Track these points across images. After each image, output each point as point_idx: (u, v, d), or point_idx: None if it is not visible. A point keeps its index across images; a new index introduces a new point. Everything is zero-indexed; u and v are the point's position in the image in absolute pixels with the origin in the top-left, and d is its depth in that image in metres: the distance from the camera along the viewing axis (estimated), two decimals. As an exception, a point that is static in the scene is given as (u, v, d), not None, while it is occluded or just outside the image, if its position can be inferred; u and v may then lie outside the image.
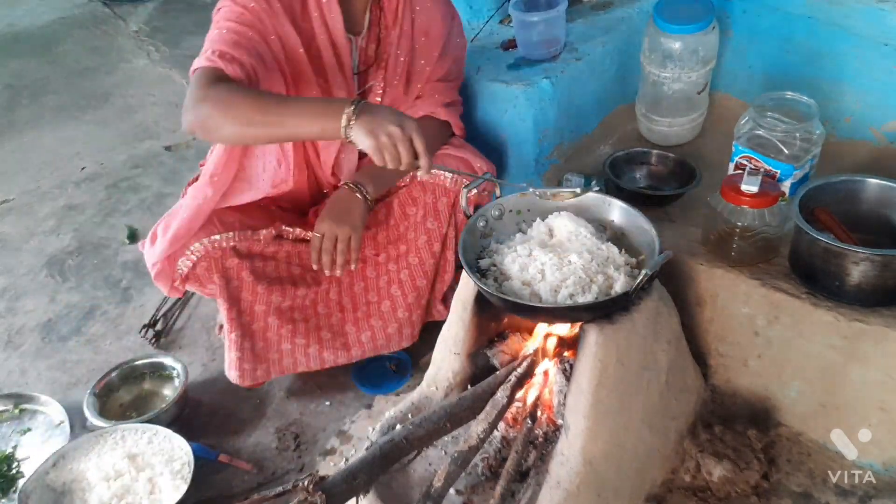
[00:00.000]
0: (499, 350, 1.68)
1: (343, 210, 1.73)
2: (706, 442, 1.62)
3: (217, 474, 1.78)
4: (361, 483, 1.32)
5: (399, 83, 1.81)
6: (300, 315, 1.82)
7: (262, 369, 1.79)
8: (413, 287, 1.86)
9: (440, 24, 1.81)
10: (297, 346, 1.80)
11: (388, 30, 1.76)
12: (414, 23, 1.77)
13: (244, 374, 1.79)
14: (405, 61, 1.80)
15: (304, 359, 1.82)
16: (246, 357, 1.77)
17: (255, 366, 1.78)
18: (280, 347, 1.80)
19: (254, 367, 1.78)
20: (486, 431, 1.44)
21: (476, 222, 1.57)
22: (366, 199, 1.74)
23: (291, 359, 1.81)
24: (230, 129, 1.45)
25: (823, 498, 1.57)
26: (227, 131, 1.46)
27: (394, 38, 1.76)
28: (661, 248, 1.44)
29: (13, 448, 1.85)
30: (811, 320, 1.56)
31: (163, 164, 3.13)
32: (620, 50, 2.17)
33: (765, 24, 2.09)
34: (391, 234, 1.84)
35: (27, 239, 2.73)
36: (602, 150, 2.20)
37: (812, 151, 1.73)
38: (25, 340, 2.27)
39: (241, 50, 1.53)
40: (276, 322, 1.78)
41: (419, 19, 1.77)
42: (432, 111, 1.83)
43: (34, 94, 3.78)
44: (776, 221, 1.60)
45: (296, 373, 1.88)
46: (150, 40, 4.32)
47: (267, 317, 1.77)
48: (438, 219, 1.83)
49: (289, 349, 1.80)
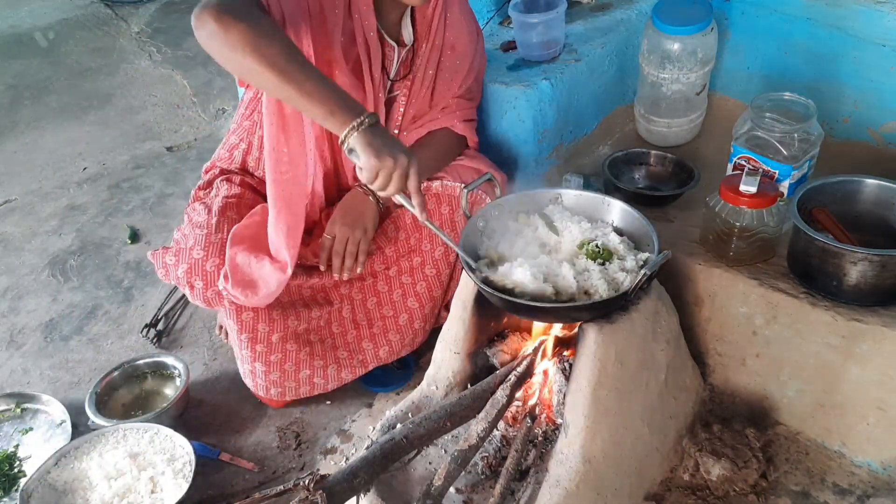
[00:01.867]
0: (499, 349, 1.69)
1: (356, 213, 1.73)
2: (705, 441, 1.63)
3: (218, 473, 1.79)
4: (362, 482, 1.33)
5: (425, 96, 1.82)
6: (316, 336, 1.81)
7: (276, 391, 1.80)
8: (430, 298, 1.85)
9: (466, 41, 1.82)
10: (315, 370, 1.80)
11: (419, 42, 1.76)
12: (444, 38, 1.78)
13: (257, 387, 1.81)
14: (432, 74, 1.80)
15: (323, 381, 1.82)
16: (258, 374, 1.78)
17: (268, 385, 1.79)
18: (297, 377, 1.79)
19: (267, 386, 1.80)
20: (486, 430, 1.45)
21: (476, 222, 1.58)
22: (378, 202, 1.75)
23: (309, 385, 1.81)
24: (246, 58, 1.33)
25: (822, 497, 1.57)
26: (237, 55, 1.34)
27: (425, 50, 1.77)
28: (660, 248, 1.45)
29: (15, 447, 1.86)
30: (809, 320, 1.57)
31: (164, 165, 3.14)
32: (619, 51, 2.18)
33: (763, 25, 2.10)
34: (401, 247, 1.83)
35: (29, 239, 2.74)
36: (601, 151, 2.21)
37: (810, 152, 1.74)
38: (27, 340, 2.28)
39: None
40: (294, 347, 1.76)
41: (448, 34, 1.78)
42: (451, 124, 1.85)
43: (36, 95, 3.79)
44: (774, 222, 1.60)
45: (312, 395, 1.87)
46: (152, 41, 4.32)
47: (285, 344, 1.75)
48: (455, 230, 1.81)
49: (307, 376, 1.79)
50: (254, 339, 1.72)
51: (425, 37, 1.76)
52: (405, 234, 1.82)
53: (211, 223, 1.72)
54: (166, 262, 1.71)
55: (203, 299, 1.68)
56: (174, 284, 1.77)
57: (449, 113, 1.85)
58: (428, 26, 1.75)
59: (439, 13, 1.75)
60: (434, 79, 1.81)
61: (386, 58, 1.73)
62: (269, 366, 1.75)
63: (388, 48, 1.73)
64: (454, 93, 1.85)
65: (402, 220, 1.83)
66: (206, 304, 1.69)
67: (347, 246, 1.72)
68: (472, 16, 1.88)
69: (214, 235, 1.69)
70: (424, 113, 1.84)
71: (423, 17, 1.74)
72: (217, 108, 3.56)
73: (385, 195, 1.41)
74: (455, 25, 1.79)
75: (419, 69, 1.78)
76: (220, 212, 1.74)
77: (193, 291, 1.68)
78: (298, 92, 1.35)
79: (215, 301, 1.68)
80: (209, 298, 1.67)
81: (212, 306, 1.70)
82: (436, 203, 1.81)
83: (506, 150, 2.08)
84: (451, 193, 1.80)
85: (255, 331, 1.72)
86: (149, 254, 1.78)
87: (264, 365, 1.75)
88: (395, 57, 1.75)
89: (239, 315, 1.69)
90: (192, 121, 3.47)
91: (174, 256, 1.70)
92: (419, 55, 1.77)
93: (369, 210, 1.74)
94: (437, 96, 1.84)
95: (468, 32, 1.83)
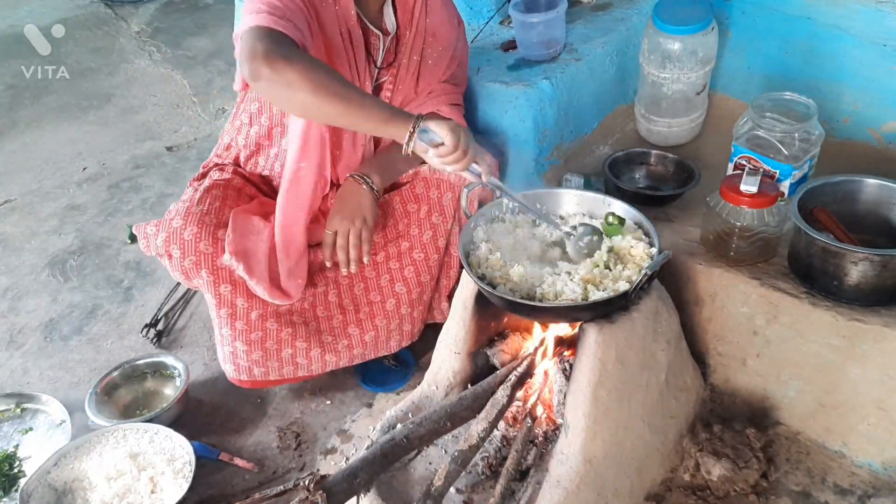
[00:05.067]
0: (499, 349, 1.69)
1: (353, 204, 1.73)
2: (705, 441, 1.63)
3: (218, 473, 1.79)
4: (362, 482, 1.33)
5: (410, 82, 1.84)
6: (300, 318, 1.80)
7: (259, 370, 1.79)
8: (417, 283, 1.85)
9: (448, 28, 1.84)
10: (298, 351, 1.79)
11: (402, 29, 1.79)
12: (426, 24, 1.80)
13: (239, 369, 1.78)
14: (417, 60, 1.82)
15: (306, 362, 1.80)
16: (239, 355, 1.76)
17: (250, 366, 1.77)
18: (280, 356, 1.78)
19: (249, 367, 1.77)
20: (487, 430, 1.44)
21: (476, 222, 1.58)
22: (372, 189, 1.75)
23: (292, 365, 1.80)
24: (304, 94, 1.40)
25: (822, 497, 1.57)
26: (300, 94, 1.40)
27: (408, 37, 1.79)
28: (661, 248, 1.44)
29: (15, 447, 1.86)
30: (810, 320, 1.57)
31: (164, 165, 3.14)
32: (620, 51, 2.18)
33: (764, 25, 2.10)
34: (389, 232, 1.84)
35: (29, 239, 2.73)
36: (601, 151, 2.21)
37: (811, 152, 1.74)
38: (27, 340, 2.28)
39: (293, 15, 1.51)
40: (274, 326, 1.75)
41: (429, 20, 1.81)
42: (437, 109, 1.86)
43: (36, 95, 3.79)
44: (775, 221, 1.60)
45: (296, 379, 1.87)
46: (152, 41, 4.33)
47: (264, 322, 1.74)
48: (443, 214, 1.83)
49: (289, 355, 1.78)
50: (233, 314, 1.71)
51: (408, 24, 1.78)
52: (393, 220, 1.84)
53: (194, 198, 1.73)
54: (147, 232, 1.70)
55: (181, 269, 1.66)
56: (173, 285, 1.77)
57: (435, 97, 1.87)
58: (410, 13, 1.77)
59: (420, 0, 1.77)
60: (419, 65, 1.83)
61: (372, 46, 1.76)
62: (250, 345, 1.74)
63: (372, 37, 1.75)
64: (439, 78, 1.87)
65: (391, 207, 1.84)
66: (185, 275, 1.68)
67: (350, 238, 1.72)
68: (452, 4, 1.90)
69: (196, 207, 1.69)
70: (411, 99, 1.86)
71: (405, 5, 1.77)
72: (217, 107, 3.56)
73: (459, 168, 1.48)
74: (435, 12, 1.81)
75: (404, 56, 1.80)
76: (205, 189, 1.76)
77: (172, 261, 1.66)
78: (356, 109, 1.43)
79: (193, 272, 1.66)
80: (187, 269, 1.66)
81: (190, 278, 1.68)
82: (424, 187, 1.83)
83: (506, 150, 2.07)
84: (439, 177, 1.82)
85: (233, 306, 1.70)
86: (133, 226, 1.76)
87: (245, 344, 1.74)
88: (381, 45, 1.77)
89: (217, 288, 1.68)
90: (192, 120, 3.47)
91: (154, 227, 1.69)
92: (403, 42, 1.79)
93: (366, 199, 1.74)
94: (422, 82, 1.85)
95: (448, 20, 1.85)
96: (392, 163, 1.80)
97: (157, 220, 1.70)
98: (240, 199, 1.79)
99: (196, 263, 1.65)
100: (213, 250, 1.65)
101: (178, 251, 1.64)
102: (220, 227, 1.67)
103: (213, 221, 1.67)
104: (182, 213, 1.68)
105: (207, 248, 1.65)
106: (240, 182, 1.83)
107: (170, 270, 1.70)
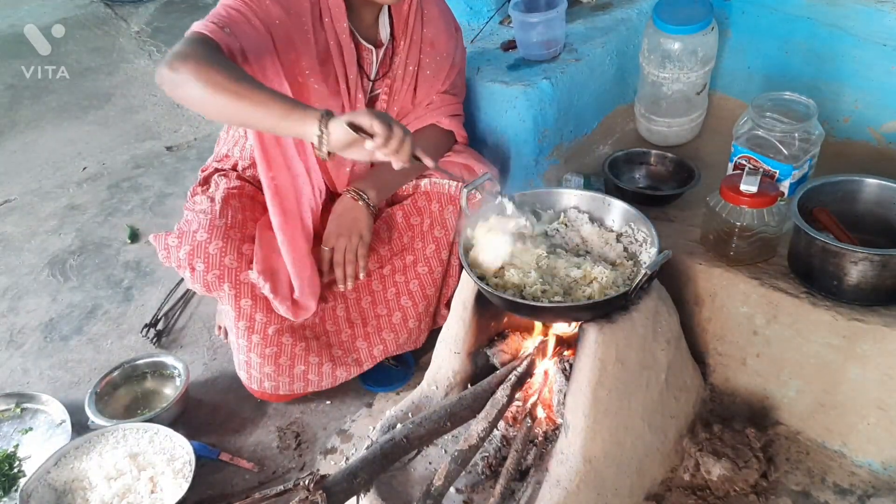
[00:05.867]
0: (499, 349, 1.69)
1: (349, 220, 1.73)
2: (705, 441, 1.63)
3: (218, 473, 1.79)
4: (362, 482, 1.33)
5: (407, 93, 1.82)
6: (311, 333, 1.81)
7: (269, 384, 1.81)
8: (423, 297, 1.86)
9: (446, 37, 1.83)
10: (310, 367, 1.80)
11: (397, 40, 1.77)
12: (423, 34, 1.79)
13: (251, 379, 1.81)
14: (413, 71, 1.81)
15: (317, 378, 1.82)
16: (253, 365, 1.78)
17: (262, 378, 1.80)
18: (293, 372, 1.79)
19: (261, 378, 1.80)
20: (487, 430, 1.44)
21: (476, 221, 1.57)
22: (368, 205, 1.74)
23: (303, 381, 1.81)
24: (196, 89, 1.37)
25: (822, 496, 1.57)
26: (193, 90, 1.38)
27: (403, 47, 1.78)
28: (661, 248, 1.44)
29: (15, 447, 1.85)
30: (810, 319, 1.57)
31: (164, 164, 3.14)
32: (620, 50, 2.18)
33: (764, 25, 2.10)
34: (394, 245, 1.83)
35: (29, 238, 2.73)
36: (601, 151, 2.21)
37: (811, 151, 1.74)
38: (27, 340, 2.28)
39: (237, 27, 1.51)
40: (289, 341, 1.76)
41: (426, 30, 1.79)
42: (437, 120, 1.85)
43: (36, 95, 3.79)
44: (775, 221, 1.60)
45: (306, 394, 1.88)
46: (152, 41, 4.32)
47: (280, 337, 1.74)
48: (445, 227, 1.82)
49: (301, 371, 1.79)
50: (251, 328, 1.71)
51: (402, 34, 1.77)
52: (398, 233, 1.83)
53: (215, 209, 1.71)
54: (168, 244, 1.69)
55: (203, 282, 1.66)
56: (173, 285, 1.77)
57: (434, 109, 1.85)
58: (404, 23, 1.76)
59: (415, 9, 1.76)
60: (415, 76, 1.81)
61: (364, 60, 1.74)
62: (264, 358, 1.75)
63: (364, 51, 1.74)
64: (438, 89, 1.85)
65: (394, 220, 1.84)
66: (206, 287, 1.67)
67: (346, 255, 1.72)
68: (450, 12, 1.89)
69: (218, 220, 1.68)
70: (409, 111, 1.85)
71: (399, 15, 1.76)
72: (217, 107, 3.55)
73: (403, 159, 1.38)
74: (433, 22, 1.80)
75: (398, 66, 1.79)
76: (223, 200, 1.74)
77: (194, 274, 1.66)
78: (252, 105, 1.36)
79: (215, 285, 1.66)
80: (209, 282, 1.65)
81: (211, 291, 1.68)
82: (426, 200, 1.82)
83: (506, 150, 2.07)
84: (439, 191, 1.81)
85: (252, 319, 1.71)
86: (151, 236, 1.75)
87: (259, 357, 1.75)
88: (374, 58, 1.76)
89: (238, 301, 1.68)
90: (192, 120, 3.47)
91: (177, 238, 1.68)
92: (397, 52, 1.78)
93: (362, 214, 1.74)
94: (420, 93, 1.84)
95: (446, 29, 1.84)
96: (389, 177, 1.78)
97: (177, 232, 1.69)
98: (256, 209, 1.77)
99: (219, 277, 1.65)
100: (237, 265, 1.65)
101: (201, 265, 1.64)
102: (244, 241, 1.68)
103: (238, 236, 1.68)
104: (206, 226, 1.66)
105: (232, 262, 1.65)
106: (251, 189, 1.82)
107: (189, 282, 1.69)
